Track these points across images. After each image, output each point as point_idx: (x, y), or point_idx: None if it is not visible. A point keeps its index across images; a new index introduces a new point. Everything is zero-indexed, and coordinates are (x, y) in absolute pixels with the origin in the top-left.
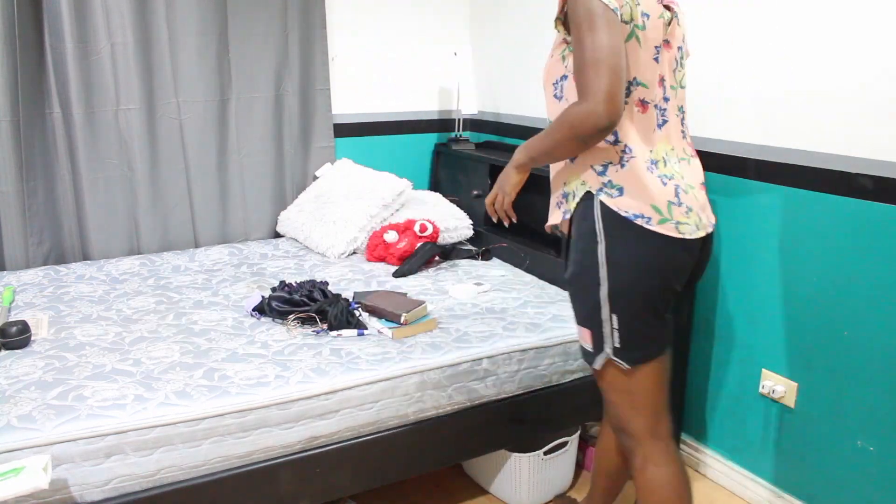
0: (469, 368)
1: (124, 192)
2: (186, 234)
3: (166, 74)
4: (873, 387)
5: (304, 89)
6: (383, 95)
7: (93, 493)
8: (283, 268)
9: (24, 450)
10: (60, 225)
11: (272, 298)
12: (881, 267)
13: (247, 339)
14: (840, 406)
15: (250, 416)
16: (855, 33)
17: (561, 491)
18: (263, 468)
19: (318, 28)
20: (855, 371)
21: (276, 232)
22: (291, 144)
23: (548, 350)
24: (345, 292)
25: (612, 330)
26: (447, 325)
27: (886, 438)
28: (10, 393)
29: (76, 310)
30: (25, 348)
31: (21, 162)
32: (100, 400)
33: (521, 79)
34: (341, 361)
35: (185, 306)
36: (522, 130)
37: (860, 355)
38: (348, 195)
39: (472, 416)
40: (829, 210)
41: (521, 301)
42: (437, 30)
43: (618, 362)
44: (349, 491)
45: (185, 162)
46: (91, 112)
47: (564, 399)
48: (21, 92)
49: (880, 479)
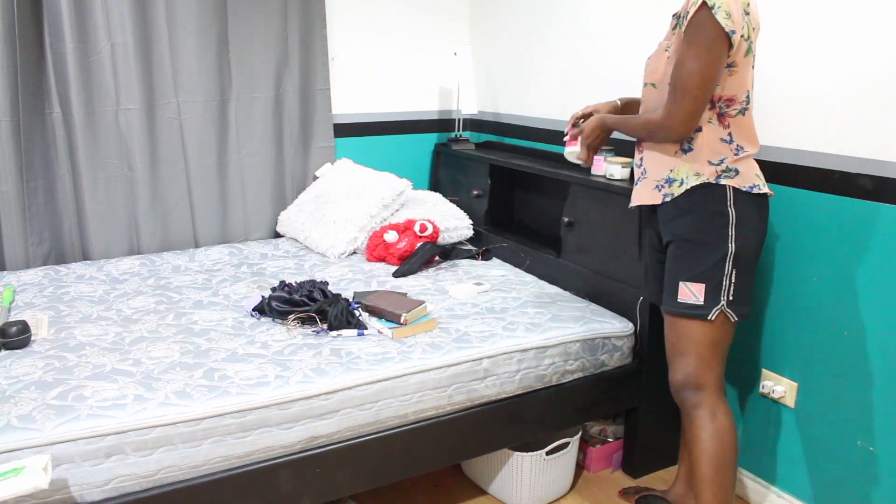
0: (469, 368)
1: (124, 192)
2: (186, 234)
3: (166, 74)
4: (873, 387)
5: (304, 89)
6: (383, 95)
7: (93, 493)
8: (283, 268)
9: (24, 450)
10: (60, 225)
11: (272, 298)
12: (881, 267)
13: (247, 339)
14: (840, 406)
15: (250, 416)
16: (855, 33)
17: (560, 493)
18: (263, 468)
19: (318, 28)
20: (855, 371)
21: (276, 232)
22: (291, 144)
23: (548, 350)
24: (345, 292)
25: (731, 284)
26: (447, 325)
27: (886, 438)
28: (10, 393)
29: (76, 310)
30: (25, 348)
31: (21, 162)
32: (100, 400)
33: (521, 79)
34: (341, 361)
35: (185, 306)
36: (522, 130)
37: (860, 355)
38: (348, 195)
39: (472, 416)
40: (829, 210)
41: (521, 301)
42: (437, 30)
43: (728, 313)
44: (349, 491)
45: (185, 162)
46: (91, 112)
47: (564, 399)
48: (21, 92)
49: (880, 479)
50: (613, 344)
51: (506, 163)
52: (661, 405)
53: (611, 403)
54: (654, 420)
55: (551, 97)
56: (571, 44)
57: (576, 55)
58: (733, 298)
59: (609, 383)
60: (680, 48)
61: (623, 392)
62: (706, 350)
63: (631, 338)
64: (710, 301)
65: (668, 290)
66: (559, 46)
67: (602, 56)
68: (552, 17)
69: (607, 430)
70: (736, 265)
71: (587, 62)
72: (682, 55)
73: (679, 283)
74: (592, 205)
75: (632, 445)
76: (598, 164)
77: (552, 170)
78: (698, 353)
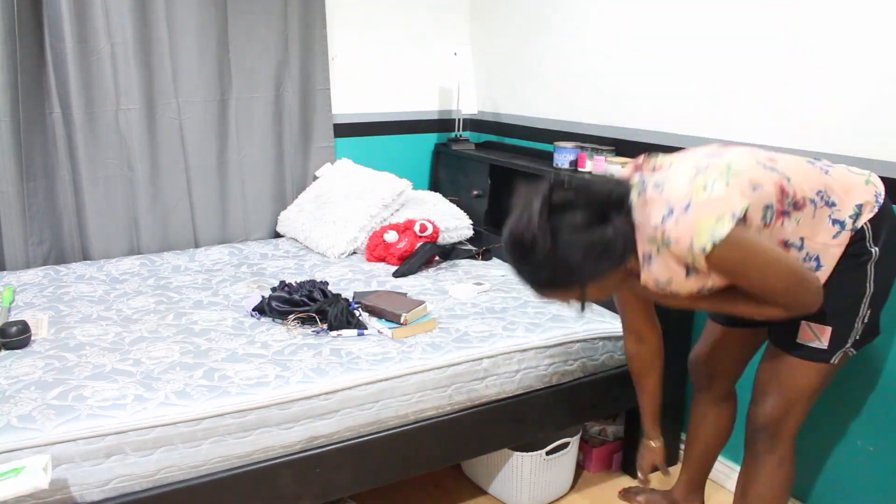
0: (469, 368)
1: (124, 192)
2: (186, 234)
3: (166, 74)
4: (873, 387)
5: (304, 89)
6: (383, 95)
7: (93, 493)
8: (283, 268)
9: (24, 450)
10: (60, 225)
11: (272, 298)
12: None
13: (247, 339)
14: (840, 406)
15: (250, 416)
16: (854, 33)
17: (560, 493)
18: (263, 468)
19: (318, 28)
20: (855, 371)
21: (276, 232)
22: (291, 144)
23: (548, 350)
24: (345, 292)
25: (862, 324)
26: (447, 325)
27: (886, 438)
28: (10, 393)
29: (76, 310)
30: (25, 348)
31: (21, 162)
32: (100, 400)
33: (521, 79)
34: (341, 361)
35: (185, 306)
36: (522, 130)
37: (860, 355)
38: (348, 195)
39: (472, 416)
40: None
41: (521, 301)
42: (437, 30)
43: (851, 352)
44: (349, 491)
45: (185, 162)
46: (91, 112)
47: (564, 399)
48: (21, 92)
49: (880, 479)
50: (613, 344)
51: (506, 163)
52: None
53: (611, 403)
54: None
55: (551, 97)
56: (571, 44)
57: (576, 55)
58: (860, 338)
59: (609, 383)
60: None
61: (623, 392)
62: (803, 398)
63: None
64: (835, 345)
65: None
66: (559, 46)
67: (602, 56)
68: (552, 16)
69: (607, 430)
70: (873, 304)
71: (587, 62)
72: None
73: (801, 321)
74: None
75: (632, 445)
76: (598, 164)
77: (552, 170)
78: (791, 400)
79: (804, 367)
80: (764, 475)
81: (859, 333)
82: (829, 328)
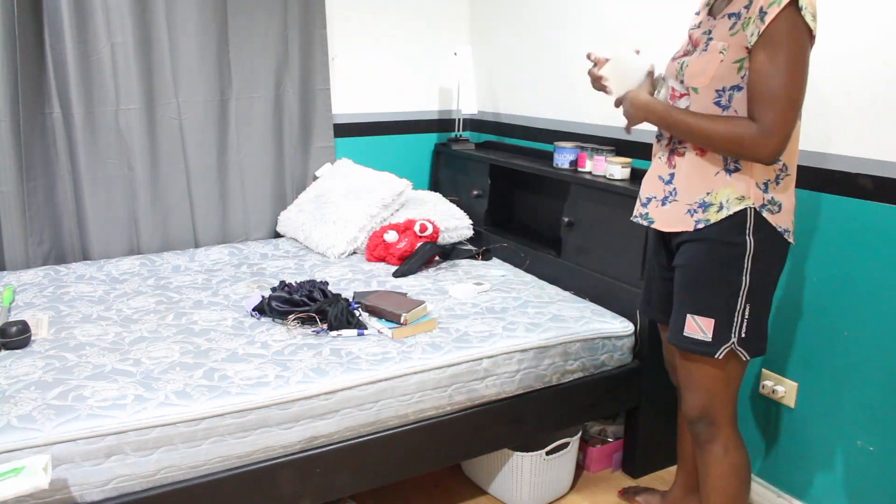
0: (469, 368)
1: (124, 192)
2: (186, 234)
3: (166, 74)
4: (873, 387)
5: (304, 89)
6: (383, 95)
7: (93, 493)
8: (283, 268)
9: (24, 450)
10: (60, 225)
11: (272, 298)
12: (881, 267)
13: (247, 339)
14: (840, 406)
15: (250, 416)
16: (854, 33)
17: (560, 493)
18: (263, 468)
19: (318, 28)
20: (855, 371)
21: (276, 232)
22: (291, 144)
23: (548, 350)
24: (345, 292)
25: (743, 320)
26: (447, 325)
27: (886, 438)
28: (10, 393)
29: (76, 310)
30: (25, 348)
31: (21, 162)
32: (100, 400)
33: (521, 79)
34: (341, 361)
35: (185, 306)
36: (522, 130)
37: (860, 355)
38: (348, 195)
39: (472, 416)
40: (829, 210)
41: (521, 301)
42: (437, 30)
43: (740, 352)
44: (349, 491)
45: (185, 162)
46: (91, 112)
47: (564, 399)
48: (21, 92)
49: (880, 479)
50: (613, 344)
51: (506, 163)
52: (661, 405)
53: (611, 403)
54: (654, 420)
55: (551, 97)
56: (571, 43)
57: (576, 55)
58: (745, 335)
59: (609, 383)
60: (763, 54)
61: (623, 392)
62: (717, 386)
63: (631, 338)
64: (718, 338)
65: (674, 320)
66: (559, 46)
67: None
68: (552, 16)
69: (607, 430)
70: (750, 300)
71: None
72: (775, 60)
73: (686, 315)
74: (592, 205)
75: (632, 445)
76: (598, 164)
77: (552, 170)
78: (709, 390)
79: (698, 360)
80: (713, 466)
81: (742, 331)
82: (713, 321)
